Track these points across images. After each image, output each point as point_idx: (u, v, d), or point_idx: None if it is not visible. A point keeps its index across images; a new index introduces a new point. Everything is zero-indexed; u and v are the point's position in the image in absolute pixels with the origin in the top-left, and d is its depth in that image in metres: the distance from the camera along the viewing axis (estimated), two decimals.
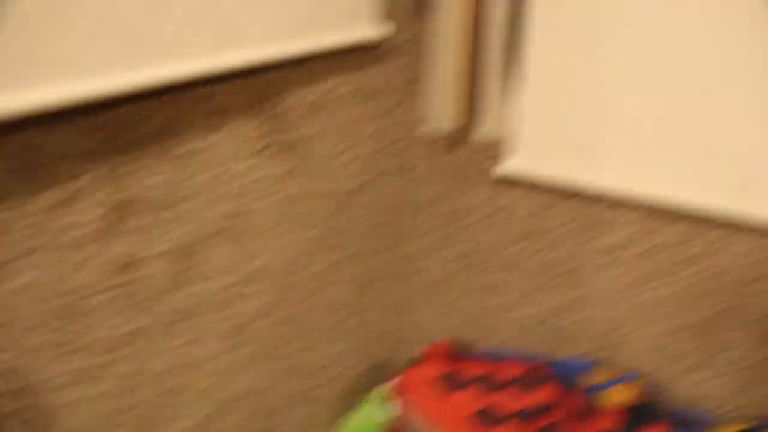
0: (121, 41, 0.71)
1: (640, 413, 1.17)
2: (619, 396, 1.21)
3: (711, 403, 1.26)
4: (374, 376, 1.46)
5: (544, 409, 1.19)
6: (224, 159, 0.90)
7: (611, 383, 1.24)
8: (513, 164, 1.28)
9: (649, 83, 1.12)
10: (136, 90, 0.74)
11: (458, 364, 1.26)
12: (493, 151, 1.31)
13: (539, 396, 1.20)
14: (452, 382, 1.22)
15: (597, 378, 1.27)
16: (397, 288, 1.46)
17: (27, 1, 0.61)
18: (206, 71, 0.82)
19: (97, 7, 0.68)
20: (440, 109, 1.32)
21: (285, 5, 0.93)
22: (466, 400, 1.19)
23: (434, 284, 1.47)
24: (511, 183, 1.31)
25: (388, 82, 1.24)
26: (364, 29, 1.12)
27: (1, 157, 0.64)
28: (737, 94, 1.07)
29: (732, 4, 1.04)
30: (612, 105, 1.16)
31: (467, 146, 1.33)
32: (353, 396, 1.39)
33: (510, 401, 1.20)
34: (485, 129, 1.32)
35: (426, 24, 1.28)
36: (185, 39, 0.78)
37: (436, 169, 1.38)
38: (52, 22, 0.64)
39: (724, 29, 1.05)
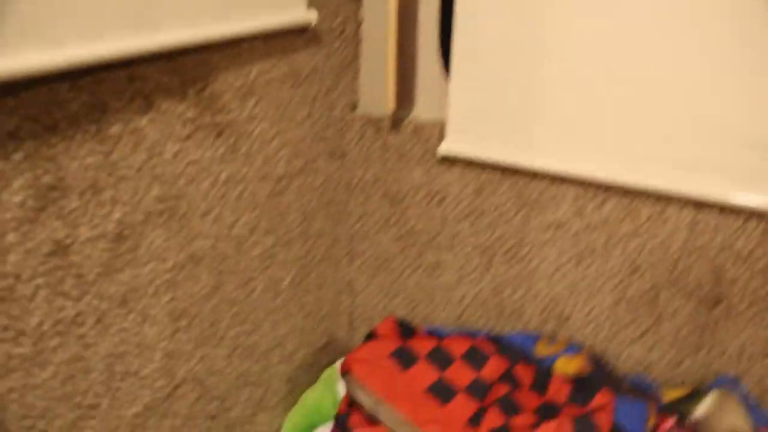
0: (40, 19, 0.72)
1: (586, 383, 1.19)
2: (565, 367, 1.24)
3: (654, 371, 1.30)
4: (322, 356, 1.47)
5: (495, 383, 1.21)
6: (154, 142, 0.91)
7: (557, 355, 1.27)
8: (450, 145, 1.30)
9: (581, 61, 1.15)
10: (57, 69, 0.75)
11: (406, 341, 1.27)
12: (431, 132, 1.32)
13: (488, 369, 1.22)
14: (402, 359, 1.23)
15: (543, 351, 1.29)
16: (338, 269, 1.48)
17: None
18: (132, 51, 0.83)
19: None
20: (376, 92, 1.34)
21: None
22: (418, 376, 1.21)
23: (376, 265, 1.49)
24: (449, 164, 1.33)
25: (322, 65, 1.25)
26: (295, 12, 1.13)
27: None
28: (667, 69, 1.10)
29: None
30: (545, 84, 1.19)
31: (405, 128, 1.35)
32: (303, 377, 1.40)
33: (460, 375, 1.22)
34: (422, 110, 1.34)
35: (360, 6, 1.30)
36: (108, 18, 0.79)
37: (373, 152, 1.39)
38: None
39: (651, 12, 1.08)
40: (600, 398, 1.14)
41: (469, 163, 1.31)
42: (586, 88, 1.16)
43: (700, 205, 1.15)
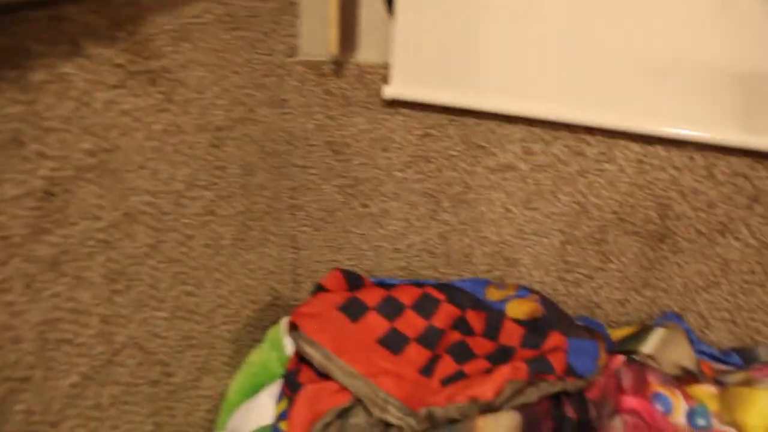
0: None
1: (538, 326, 1.20)
2: (516, 311, 1.24)
3: (602, 310, 1.33)
4: (267, 315, 1.43)
5: (446, 330, 1.20)
6: (82, 90, 0.83)
7: (508, 299, 1.27)
8: (395, 89, 1.25)
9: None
10: None
11: (355, 292, 1.25)
12: (375, 76, 1.28)
13: (439, 317, 1.21)
14: (351, 311, 1.20)
15: (493, 295, 1.29)
16: (281, 224, 1.43)
17: None
18: None
19: None
20: (317, 34, 1.28)
21: None
22: (368, 328, 1.18)
23: (320, 218, 1.45)
24: (394, 108, 1.29)
25: (260, 7, 1.18)
26: None
27: None
28: (612, 6, 1.08)
29: None
30: (492, 23, 1.16)
31: (347, 73, 1.29)
32: (248, 337, 1.36)
33: (411, 325, 1.20)
34: (366, 53, 1.29)
35: None
36: None
37: (314, 99, 1.34)
38: None
39: None
40: (552, 340, 1.15)
41: (415, 107, 1.27)
42: (533, 26, 1.13)
43: (646, 141, 1.15)
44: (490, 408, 1.01)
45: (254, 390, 1.25)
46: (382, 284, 1.32)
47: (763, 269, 1.19)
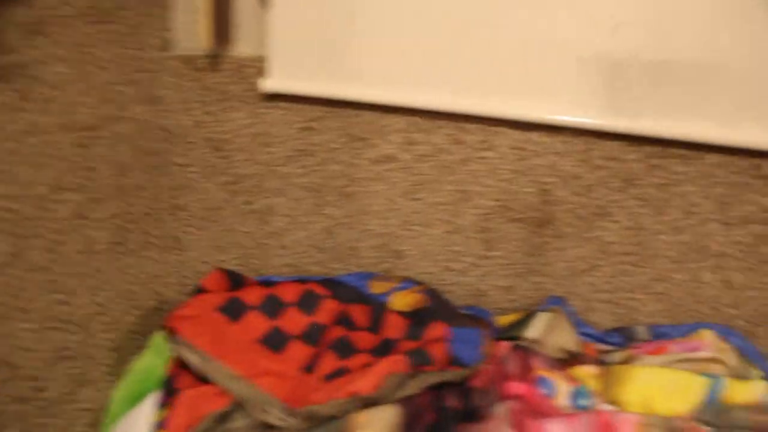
0: None
1: (421, 317, 1.20)
2: (399, 302, 1.24)
3: (488, 298, 1.34)
4: (152, 320, 1.38)
5: (329, 326, 1.19)
6: None
7: (391, 292, 1.27)
8: (273, 82, 1.24)
9: None
10: None
11: (235, 293, 1.22)
12: (253, 69, 1.25)
13: (322, 313, 1.20)
14: (231, 311, 1.17)
15: (377, 288, 1.29)
16: (163, 225, 1.38)
17: None
18: None
19: None
20: (190, 27, 1.24)
21: None
22: (249, 328, 1.15)
23: (204, 217, 1.41)
24: (273, 102, 1.27)
25: None
26: None
27: None
28: None
29: None
30: (369, 12, 1.16)
31: (224, 67, 1.26)
32: (133, 343, 1.31)
33: (294, 322, 1.18)
34: (242, 46, 1.26)
35: None
36: None
37: (191, 95, 1.30)
38: None
39: None
40: (434, 330, 1.15)
41: (294, 100, 1.26)
42: (410, 16, 1.14)
43: (525, 128, 1.17)
44: (371, 402, 1.00)
45: (138, 399, 1.20)
46: (267, 282, 1.29)
47: (640, 250, 1.23)
